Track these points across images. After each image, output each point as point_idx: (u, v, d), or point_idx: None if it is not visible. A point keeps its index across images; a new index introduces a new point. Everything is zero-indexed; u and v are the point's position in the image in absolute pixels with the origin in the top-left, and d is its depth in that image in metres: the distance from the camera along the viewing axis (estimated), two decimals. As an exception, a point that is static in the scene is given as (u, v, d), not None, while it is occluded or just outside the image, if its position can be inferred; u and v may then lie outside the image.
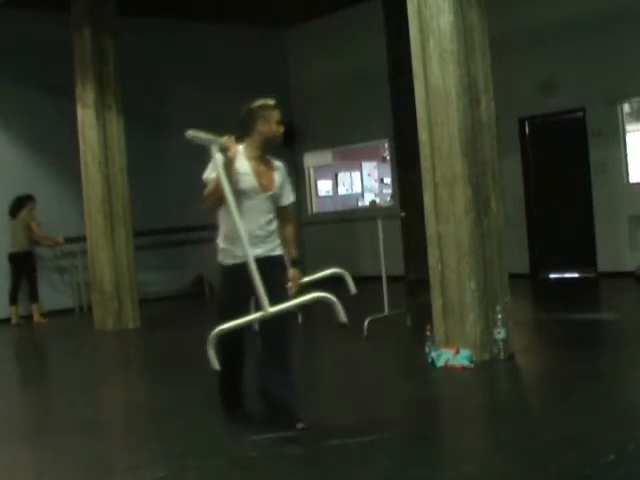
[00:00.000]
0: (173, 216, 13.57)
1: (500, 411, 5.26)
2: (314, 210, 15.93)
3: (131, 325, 10.55)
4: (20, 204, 11.93)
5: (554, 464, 3.91)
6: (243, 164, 4.69)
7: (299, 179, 15.58)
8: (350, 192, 17.46)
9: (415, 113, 6.58)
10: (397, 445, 4.42)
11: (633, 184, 11.35)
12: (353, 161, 17.10)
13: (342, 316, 4.37)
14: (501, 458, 4.16)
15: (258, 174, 4.74)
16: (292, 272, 4.84)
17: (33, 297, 11.96)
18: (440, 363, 6.22)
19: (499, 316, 6.30)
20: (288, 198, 4.92)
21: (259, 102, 4.84)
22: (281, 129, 4.82)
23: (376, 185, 17.46)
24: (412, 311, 8.56)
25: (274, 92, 16.44)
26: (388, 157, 15.36)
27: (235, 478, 4.23)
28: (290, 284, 4.79)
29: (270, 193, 4.76)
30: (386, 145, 15.11)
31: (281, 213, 4.88)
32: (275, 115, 4.79)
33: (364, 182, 17.47)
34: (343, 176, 17.41)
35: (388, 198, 15.66)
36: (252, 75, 14.65)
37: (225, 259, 4.79)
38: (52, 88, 12.17)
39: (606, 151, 11.43)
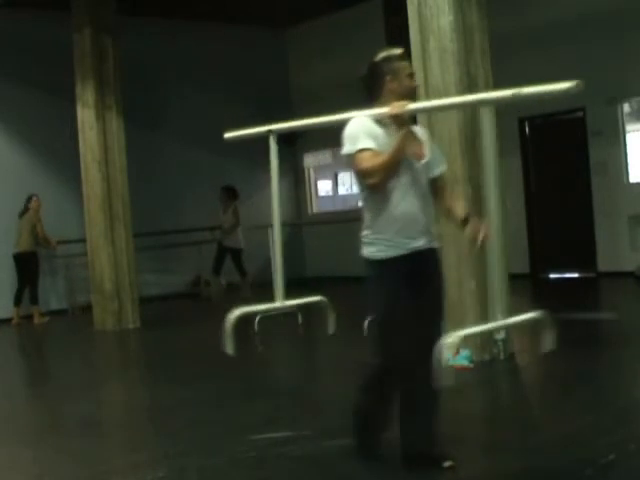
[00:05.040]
0: (173, 217, 13.58)
1: (500, 411, 5.26)
2: (314, 210, 15.93)
3: (131, 325, 10.54)
4: (26, 204, 11.96)
5: (554, 464, 3.91)
6: (377, 131, 3.78)
7: (299, 179, 15.60)
8: (350, 192, 17.44)
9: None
10: (397, 445, 4.42)
11: (633, 184, 11.35)
12: (353, 161, 17.07)
13: None
14: (501, 458, 4.16)
15: None
16: (474, 223, 3.77)
17: (33, 299, 11.94)
18: (440, 363, 6.21)
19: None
20: (443, 165, 3.99)
21: (382, 54, 3.92)
22: (414, 82, 3.93)
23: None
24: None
25: (274, 92, 16.47)
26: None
27: (235, 478, 4.23)
28: (481, 235, 3.72)
29: (424, 161, 3.84)
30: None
31: (437, 185, 3.94)
32: (405, 67, 3.89)
33: (364, 182, 17.45)
34: (343, 176, 17.39)
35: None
36: (252, 75, 14.66)
37: (380, 252, 3.84)
38: (52, 88, 12.16)
39: (606, 151, 11.43)
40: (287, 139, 13.82)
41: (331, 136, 4.31)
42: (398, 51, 3.94)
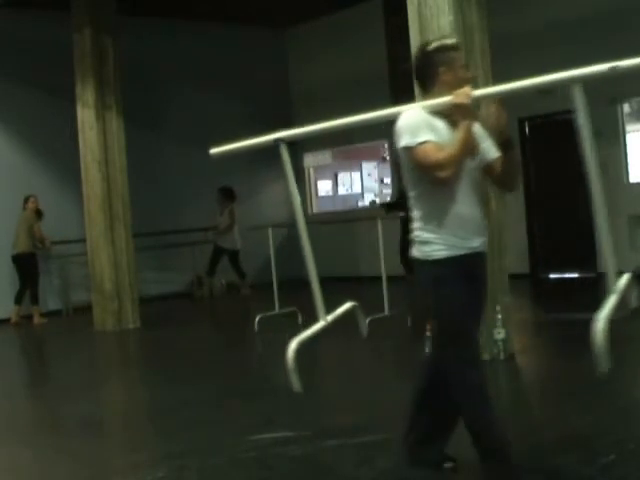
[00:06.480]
0: (172, 217, 13.58)
1: (500, 411, 5.25)
2: (314, 210, 15.93)
3: (131, 325, 10.54)
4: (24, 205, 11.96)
5: (554, 464, 3.90)
6: (437, 123, 3.54)
7: (299, 179, 15.60)
8: (350, 192, 17.46)
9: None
10: (397, 445, 4.42)
11: (633, 184, 11.35)
12: (353, 161, 17.11)
13: None
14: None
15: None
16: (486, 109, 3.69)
17: (33, 299, 11.94)
18: (440, 363, 6.21)
19: (499, 316, 6.30)
20: (494, 150, 3.76)
21: (434, 44, 3.66)
22: (469, 74, 3.68)
23: (376, 185, 17.47)
24: (412, 311, 8.55)
25: (274, 92, 16.40)
26: (388, 157, 15.36)
27: (235, 478, 4.23)
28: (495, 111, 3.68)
29: (478, 157, 3.66)
30: (386, 145, 15.11)
31: (494, 166, 3.76)
32: (458, 57, 3.63)
33: (364, 182, 17.48)
34: (343, 176, 17.41)
35: (388, 198, 15.66)
36: (252, 75, 14.67)
37: (437, 251, 3.55)
38: (52, 88, 12.16)
39: (606, 151, 11.41)
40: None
41: (331, 136, 4.24)
42: (451, 41, 3.74)
